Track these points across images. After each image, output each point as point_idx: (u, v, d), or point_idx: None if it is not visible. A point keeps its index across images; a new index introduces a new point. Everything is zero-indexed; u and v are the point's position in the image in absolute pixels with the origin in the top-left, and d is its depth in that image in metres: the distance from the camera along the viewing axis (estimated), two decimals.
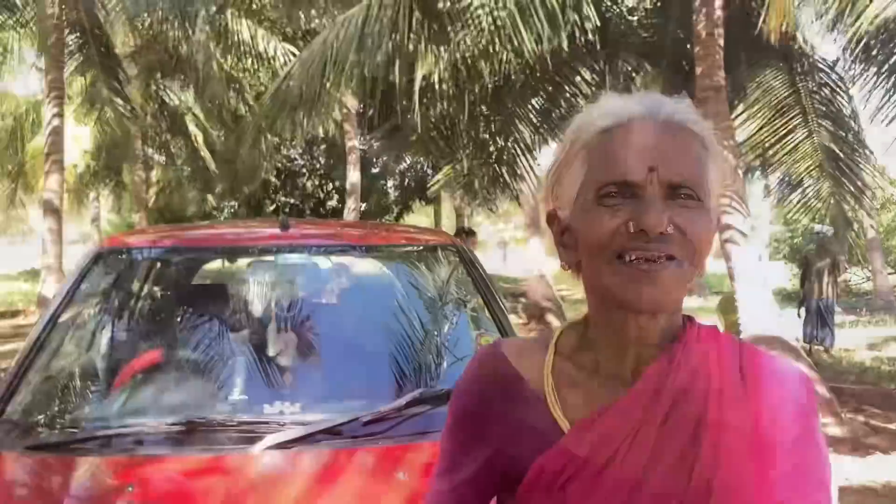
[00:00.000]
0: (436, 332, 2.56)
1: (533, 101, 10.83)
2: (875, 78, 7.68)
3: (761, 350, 0.98)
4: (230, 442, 1.91)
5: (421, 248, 2.86)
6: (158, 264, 2.77)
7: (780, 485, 0.89)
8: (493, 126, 10.38)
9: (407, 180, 24.21)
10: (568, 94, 10.66)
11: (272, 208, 23.04)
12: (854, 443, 5.97)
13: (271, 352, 2.39)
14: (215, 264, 3.47)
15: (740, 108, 9.28)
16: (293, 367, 2.36)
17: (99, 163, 20.81)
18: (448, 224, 34.56)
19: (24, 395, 2.11)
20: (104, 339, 2.45)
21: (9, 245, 61.78)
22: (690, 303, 19.25)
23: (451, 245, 2.81)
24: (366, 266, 3.00)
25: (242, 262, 2.92)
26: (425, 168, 23.18)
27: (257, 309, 2.54)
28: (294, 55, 12.67)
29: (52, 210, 12.87)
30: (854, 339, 11.97)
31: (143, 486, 1.73)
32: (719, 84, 7.13)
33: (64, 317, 2.37)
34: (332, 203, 23.65)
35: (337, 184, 22.82)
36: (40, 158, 18.18)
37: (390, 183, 24.44)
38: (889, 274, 18.56)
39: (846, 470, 5.13)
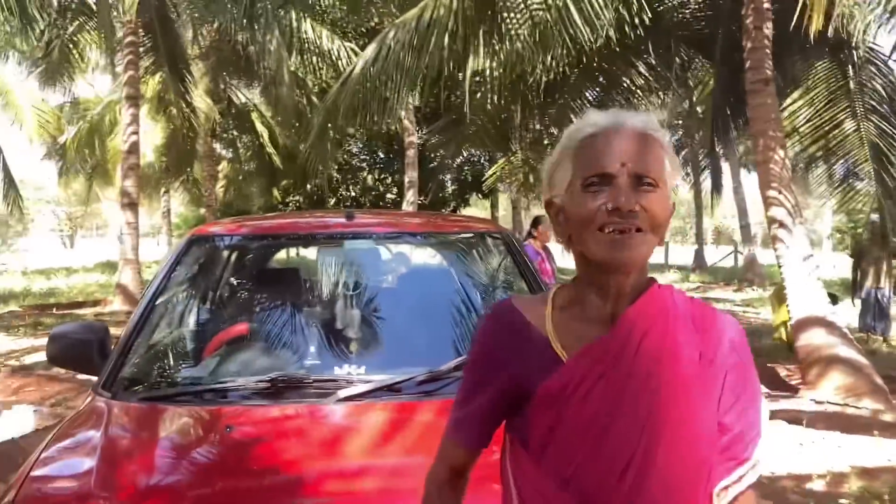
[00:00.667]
0: (479, 308, 2.89)
1: (587, 94, 11.03)
2: None
3: (707, 303, 1.30)
4: (307, 396, 2.29)
5: (471, 235, 3.20)
6: (241, 249, 3.18)
7: (723, 400, 1.21)
8: (547, 119, 10.63)
9: (464, 174, 24.51)
10: (623, 87, 10.84)
11: (333, 201, 23.60)
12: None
13: (339, 325, 2.76)
14: (288, 251, 3.85)
15: (795, 95, 9.31)
16: (357, 337, 2.72)
17: (169, 159, 21.59)
18: (504, 216, 34.65)
19: (134, 358, 2.53)
20: (197, 313, 2.87)
21: (84, 238, 64.47)
22: (749, 294, 19.17)
23: (497, 233, 3.15)
24: (421, 251, 3.34)
25: (312, 248, 3.27)
26: (482, 161, 23.51)
27: (327, 288, 2.91)
28: (356, 53, 13.12)
29: (129, 205, 13.58)
30: None
31: (238, 427, 2.12)
32: (767, 76, 7.25)
33: (163, 294, 2.78)
34: (391, 196, 24.11)
35: (396, 177, 23.25)
36: (116, 155, 19.14)
37: (448, 177, 24.78)
38: None
39: (892, 453, 5.28)
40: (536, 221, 8.15)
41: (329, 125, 8.66)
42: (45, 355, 2.69)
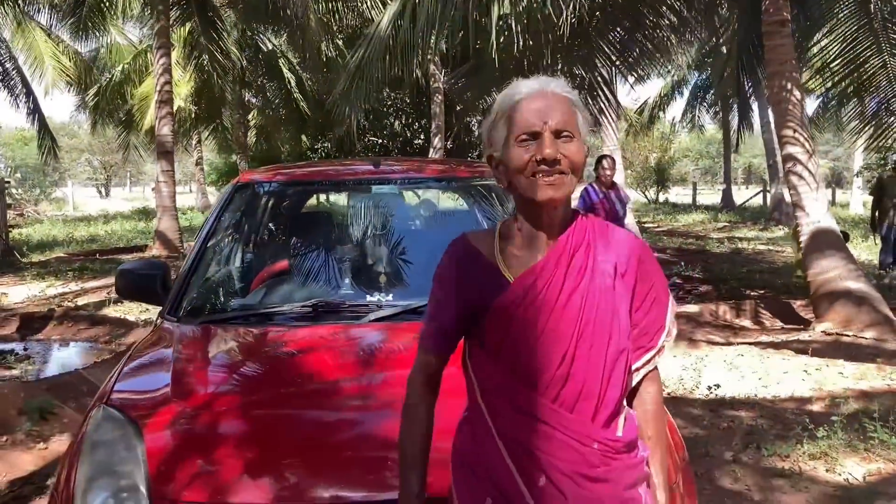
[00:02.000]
0: None
1: (611, 35, 11.09)
2: None
3: (619, 227, 1.67)
4: (344, 318, 2.69)
5: (484, 180, 3.53)
6: (280, 194, 3.56)
7: (633, 303, 1.59)
8: (573, 61, 10.73)
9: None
10: (647, 30, 10.88)
11: (360, 148, 23.84)
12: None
13: (368, 261, 3.13)
14: (318, 197, 4.22)
15: (820, 34, 9.37)
16: (383, 270, 3.09)
17: (200, 107, 21.96)
18: None
19: (193, 290, 2.93)
20: (244, 251, 3.27)
21: (118, 187, 65.62)
22: (776, 233, 19.27)
23: None
24: (443, 194, 3.68)
25: (343, 193, 3.63)
26: None
27: (356, 229, 3.28)
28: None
29: (165, 153, 14.00)
30: None
31: (289, 343, 2.52)
32: (784, 18, 7.38)
33: (214, 235, 3.17)
34: (419, 142, 24.32)
35: (423, 122, 23.41)
36: (147, 102, 19.54)
37: (473, 121, 24.82)
38: None
39: (891, 378, 5.59)
40: (599, 161, 7.97)
41: (357, 77, 8.91)
42: (94, 298, 3.11)
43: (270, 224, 3.48)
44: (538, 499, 1.48)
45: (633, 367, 1.61)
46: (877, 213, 10.82)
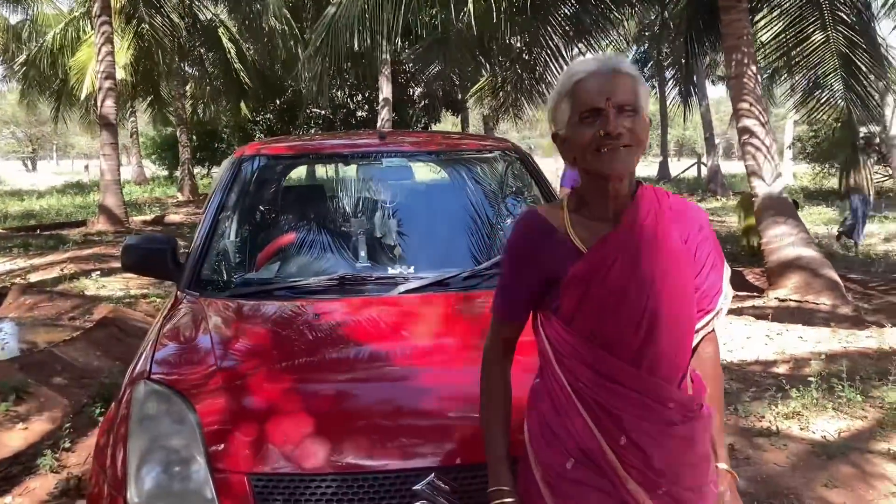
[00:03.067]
0: (501, 216, 3.31)
1: (564, 9, 11.20)
2: None
3: (679, 196, 1.76)
4: (370, 291, 2.73)
5: (490, 153, 3.59)
6: (287, 167, 3.55)
7: (700, 262, 1.69)
8: (527, 36, 10.82)
9: (435, 90, 24.46)
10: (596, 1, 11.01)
11: (301, 119, 23.45)
12: (855, 319, 6.73)
13: (381, 232, 3.16)
14: (327, 168, 4.21)
15: (765, 11, 9.68)
16: (400, 243, 3.12)
17: (137, 78, 21.27)
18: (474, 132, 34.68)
19: (211, 263, 2.92)
20: (256, 224, 3.25)
21: (44, 160, 63.12)
22: (713, 203, 19.86)
23: (513, 150, 3.54)
24: (447, 166, 3.71)
25: (349, 165, 3.62)
26: (450, 76, 23.51)
27: (366, 200, 3.30)
28: None
29: (108, 125, 13.59)
30: (874, 233, 12.73)
31: (322, 314, 2.55)
32: None
33: (224, 208, 3.15)
34: (362, 114, 24.08)
35: (367, 93, 23.17)
36: (83, 72, 18.86)
37: (417, 93, 24.67)
38: None
39: (847, 341, 5.92)
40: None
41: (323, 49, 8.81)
42: (46, 274, 3.01)
43: (282, 196, 3.47)
44: (620, 457, 1.56)
45: (695, 329, 1.70)
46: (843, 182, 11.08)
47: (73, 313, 6.93)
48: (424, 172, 3.71)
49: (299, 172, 3.73)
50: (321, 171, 4.15)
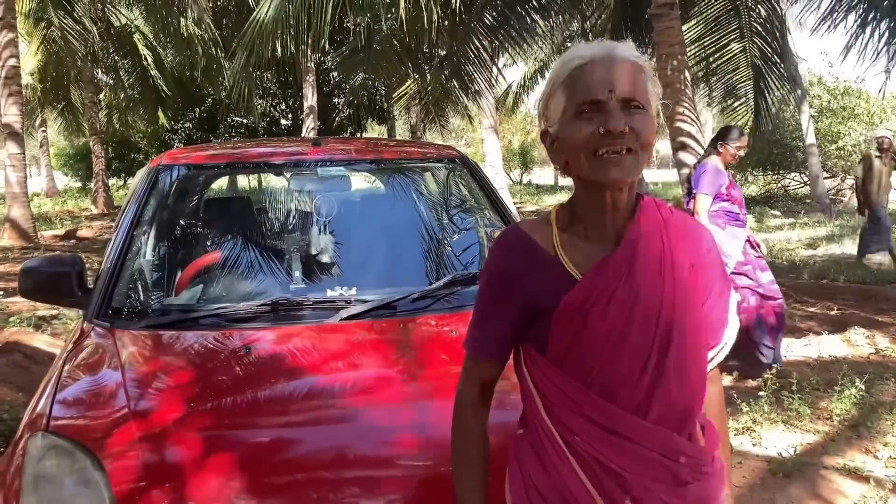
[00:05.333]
0: (451, 230, 3.05)
1: (486, 18, 11.07)
2: None
3: (684, 213, 1.49)
4: (308, 317, 2.41)
5: (433, 160, 3.31)
6: (210, 177, 3.19)
7: (708, 290, 1.42)
8: (454, 43, 10.66)
9: (361, 98, 24.10)
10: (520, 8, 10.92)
11: (222, 129, 22.80)
12: (791, 328, 6.71)
13: (318, 249, 2.84)
14: (249, 178, 3.85)
15: (692, 22, 9.83)
16: (337, 261, 2.82)
17: (46, 85, 20.32)
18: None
19: (123, 288, 2.55)
20: (177, 242, 2.89)
21: None
22: None
23: (458, 157, 3.28)
24: (389, 176, 3.42)
25: (281, 176, 3.28)
26: (376, 85, 23.18)
27: (301, 214, 2.98)
28: None
29: (13, 135, 12.82)
30: (793, 239, 12.98)
31: (253, 347, 2.22)
32: (672, 1, 7.55)
33: (139, 224, 2.78)
34: (285, 122, 23.52)
35: (291, 102, 22.67)
36: None
37: (341, 101, 24.22)
38: (825, 178, 19.50)
39: (788, 350, 5.86)
40: (723, 134, 5.53)
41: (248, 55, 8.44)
42: None
43: (205, 210, 3.11)
44: None
45: None
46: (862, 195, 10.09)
47: None
48: (363, 182, 3.40)
49: (223, 183, 3.36)
50: (249, 181, 3.81)
